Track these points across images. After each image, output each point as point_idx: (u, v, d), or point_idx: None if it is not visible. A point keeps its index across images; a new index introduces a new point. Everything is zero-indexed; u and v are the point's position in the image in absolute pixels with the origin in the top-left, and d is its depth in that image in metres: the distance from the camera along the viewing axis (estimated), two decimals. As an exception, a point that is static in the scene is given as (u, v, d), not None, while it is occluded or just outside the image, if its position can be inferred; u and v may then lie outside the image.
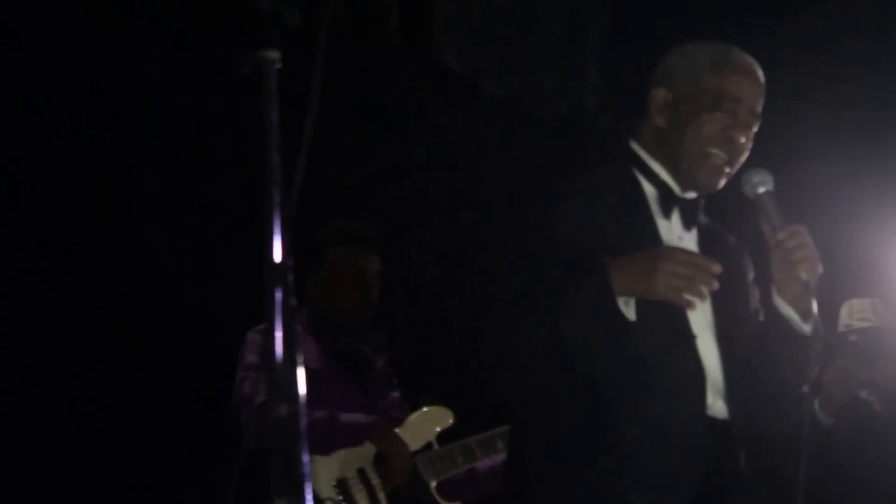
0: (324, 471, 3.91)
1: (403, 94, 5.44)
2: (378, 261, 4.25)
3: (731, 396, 2.82)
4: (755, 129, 2.93)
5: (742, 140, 2.88)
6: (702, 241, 2.93)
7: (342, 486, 3.91)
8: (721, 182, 2.91)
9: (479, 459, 4.17)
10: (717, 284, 2.61)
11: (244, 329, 4.10)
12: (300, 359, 1.75)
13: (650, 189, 2.92)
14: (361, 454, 4.01)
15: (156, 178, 4.62)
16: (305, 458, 1.71)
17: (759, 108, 2.92)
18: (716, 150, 2.86)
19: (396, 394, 4.30)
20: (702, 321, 2.83)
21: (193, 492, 4.42)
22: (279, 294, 1.70)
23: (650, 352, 2.72)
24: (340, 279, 4.17)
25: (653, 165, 2.92)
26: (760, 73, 2.94)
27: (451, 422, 4.21)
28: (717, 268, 2.60)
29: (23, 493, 4.32)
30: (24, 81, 4.41)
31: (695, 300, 2.60)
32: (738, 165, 2.91)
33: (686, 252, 2.69)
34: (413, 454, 4.06)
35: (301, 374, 1.74)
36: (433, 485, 4.09)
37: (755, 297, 3.00)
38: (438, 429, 4.17)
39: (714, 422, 2.79)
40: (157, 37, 4.66)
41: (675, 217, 2.90)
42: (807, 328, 2.81)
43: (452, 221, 5.25)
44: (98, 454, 4.50)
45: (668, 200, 2.90)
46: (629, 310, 2.62)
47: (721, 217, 3.05)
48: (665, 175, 2.91)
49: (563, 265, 2.72)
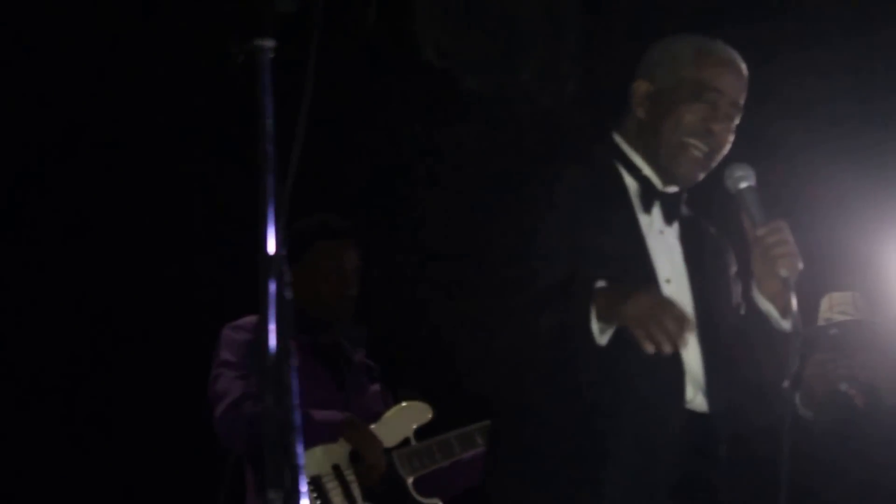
0: None
1: (382, 89, 5.47)
2: (358, 255, 4.26)
3: (712, 390, 2.85)
4: (736, 121, 2.96)
5: (722, 131, 2.91)
6: (683, 235, 2.97)
7: (316, 484, 3.91)
8: (700, 175, 2.94)
9: (458, 455, 4.17)
10: (680, 348, 2.63)
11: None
12: (292, 352, 1.77)
13: (632, 183, 2.95)
14: (336, 451, 4.01)
15: (146, 170, 4.62)
16: (299, 450, 1.74)
17: (741, 100, 2.95)
18: (694, 141, 2.89)
19: (376, 387, 4.30)
20: None
21: (185, 491, 4.42)
22: (273, 286, 1.73)
23: (628, 346, 2.70)
24: (320, 273, 4.17)
25: (634, 159, 2.96)
26: (743, 66, 2.97)
27: (430, 417, 4.19)
28: (686, 341, 2.61)
29: (22, 493, 4.34)
30: (7, 70, 4.42)
31: (652, 346, 2.59)
32: (720, 158, 2.94)
33: (679, 310, 2.64)
34: (390, 450, 4.07)
35: (294, 366, 1.76)
36: (410, 481, 4.08)
37: (737, 291, 3.03)
38: (416, 424, 4.16)
39: (694, 416, 2.82)
40: (150, 24, 4.66)
41: (657, 211, 2.94)
42: (786, 324, 2.84)
43: (435, 216, 5.27)
44: (95, 453, 4.53)
45: (650, 194, 2.93)
46: (602, 336, 2.65)
47: (707, 210, 3.07)
48: (647, 169, 2.95)
49: (550, 261, 2.76)
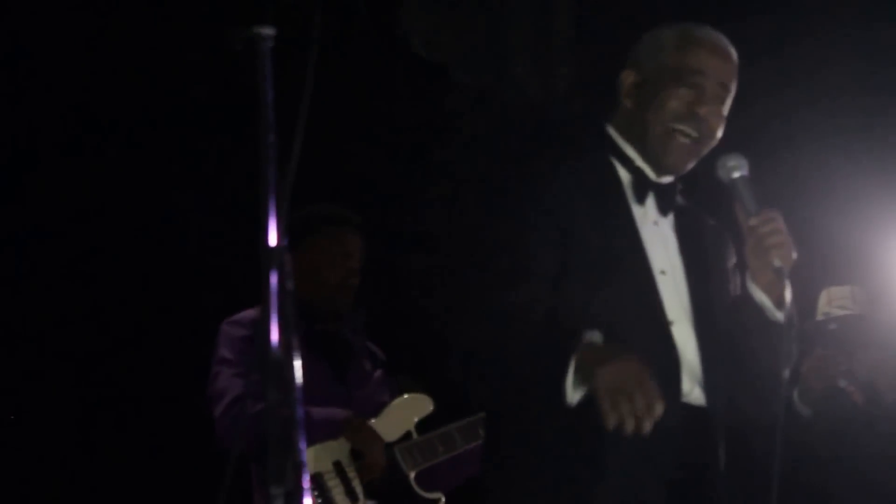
0: None
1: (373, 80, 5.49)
2: (361, 243, 4.28)
3: (709, 384, 2.86)
4: (727, 105, 2.96)
5: (710, 114, 2.92)
6: (679, 226, 2.98)
7: (317, 481, 3.94)
8: (690, 163, 2.96)
9: (460, 448, 4.19)
10: (642, 431, 2.59)
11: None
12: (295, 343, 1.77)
13: (625, 174, 2.96)
14: (337, 448, 4.04)
15: (145, 160, 4.61)
16: (303, 446, 1.76)
17: (730, 83, 2.96)
18: (681, 127, 2.91)
19: (379, 373, 4.32)
20: (678, 307, 2.88)
21: (188, 488, 4.42)
22: (274, 278, 1.74)
23: (622, 340, 2.74)
24: (325, 259, 4.19)
25: (627, 150, 2.97)
26: (731, 50, 2.97)
27: (431, 409, 4.23)
28: (650, 426, 2.57)
29: (20, 492, 4.36)
30: (8, 59, 4.42)
31: (612, 423, 2.55)
32: (711, 143, 2.95)
33: (652, 389, 2.60)
34: (392, 444, 4.09)
35: (298, 360, 1.77)
36: (412, 475, 4.11)
37: (735, 283, 3.03)
38: (417, 417, 4.20)
39: (690, 409, 2.84)
40: (149, 12, 4.66)
41: (650, 202, 2.96)
42: (780, 315, 2.84)
43: (432, 210, 5.28)
44: (95, 451, 4.55)
45: (643, 186, 2.95)
46: (574, 394, 2.64)
47: (705, 201, 3.08)
48: (639, 160, 2.96)
49: (542, 256, 2.78)
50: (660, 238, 2.96)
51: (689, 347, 2.87)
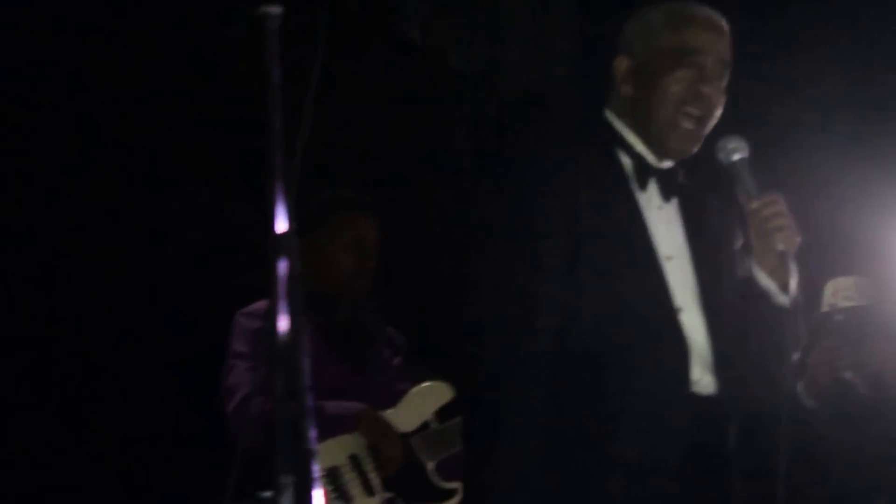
0: None
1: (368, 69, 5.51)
2: (377, 227, 4.28)
3: (720, 370, 2.88)
4: (725, 80, 2.98)
5: (712, 92, 2.93)
6: (684, 210, 3.00)
7: (333, 475, 3.96)
8: (693, 147, 2.98)
9: None
10: None
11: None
12: (305, 332, 1.78)
13: (627, 161, 2.99)
14: (352, 442, 4.04)
15: (149, 149, 4.61)
16: (312, 434, 1.76)
17: (726, 57, 2.97)
18: (687, 109, 2.92)
19: (398, 361, 4.31)
20: (687, 293, 2.91)
21: (194, 483, 4.45)
22: (282, 266, 1.73)
23: (630, 328, 2.78)
24: (341, 243, 4.20)
25: (627, 136, 3.00)
26: (722, 22, 2.98)
27: (451, 397, 4.19)
28: None
29: (20, 490, 4.38)
30: (11, 45, 4.43)
31: None
32: (712, 122, 2.97)
33: None
34: (409, 435, 4.10)
35: (306, 348, 1.78)
36: (431, 466, 4.12)
37: (744, 266, 3.03)
38: (436, 406, 4.18)
39: (699, 398, 2.86)
40: None
41: (653, 187, 2.98)
42: (785, 300, 2.87)
43: (439, 199, 5.29)
44: (97, 449, 4.58)
45: (644, 171, 2.97)
46: None
47: (711, 184, 3.10)
48: (640, 146, 2.98)
49: (549, 244, 2.82)
50: (665, 223, 2.98)
51: (699, 335, 2.89)
